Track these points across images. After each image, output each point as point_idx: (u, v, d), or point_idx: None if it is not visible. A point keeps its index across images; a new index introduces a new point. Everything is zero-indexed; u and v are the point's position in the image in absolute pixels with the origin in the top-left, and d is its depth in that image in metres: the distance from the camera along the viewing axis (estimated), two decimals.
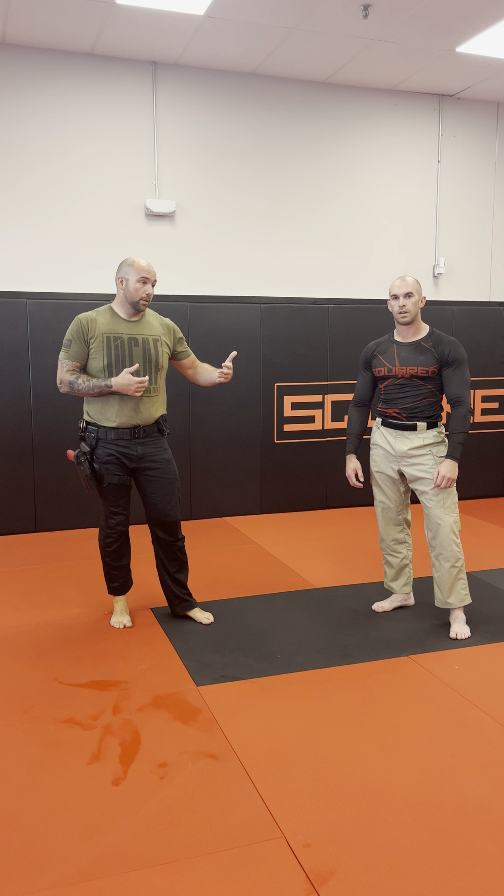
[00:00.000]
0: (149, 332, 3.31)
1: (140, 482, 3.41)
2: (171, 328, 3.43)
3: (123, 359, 3.25)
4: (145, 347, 3.28)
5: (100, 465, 3.30)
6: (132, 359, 3.26)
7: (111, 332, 3.25)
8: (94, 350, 3.24)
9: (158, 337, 3.33)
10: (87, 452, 3.29)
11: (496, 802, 2.19)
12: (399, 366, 3.40)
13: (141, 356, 3.27)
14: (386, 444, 3.50)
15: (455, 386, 3.34)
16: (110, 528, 3.43)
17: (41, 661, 3.16)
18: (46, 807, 2.18)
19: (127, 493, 3.41)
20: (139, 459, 3.33)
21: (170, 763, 2.39)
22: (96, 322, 3.25)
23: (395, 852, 1.98)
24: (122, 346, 3.25)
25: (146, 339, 3.29)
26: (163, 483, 3.39)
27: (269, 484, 5.87)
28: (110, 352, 3.23)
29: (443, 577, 3.40)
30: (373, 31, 5.14)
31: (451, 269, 6.65)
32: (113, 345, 3.24)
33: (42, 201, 5.55)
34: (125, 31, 5.13)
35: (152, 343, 3.30)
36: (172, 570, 3.53)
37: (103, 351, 3.23)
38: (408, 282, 3.35)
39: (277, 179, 6.10)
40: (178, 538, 3.50)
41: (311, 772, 2.35)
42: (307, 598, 3.92)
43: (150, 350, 3.29)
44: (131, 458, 3.32)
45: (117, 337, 3.25)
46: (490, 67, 5.80)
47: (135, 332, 3.28)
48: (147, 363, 3.28)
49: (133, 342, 3.27)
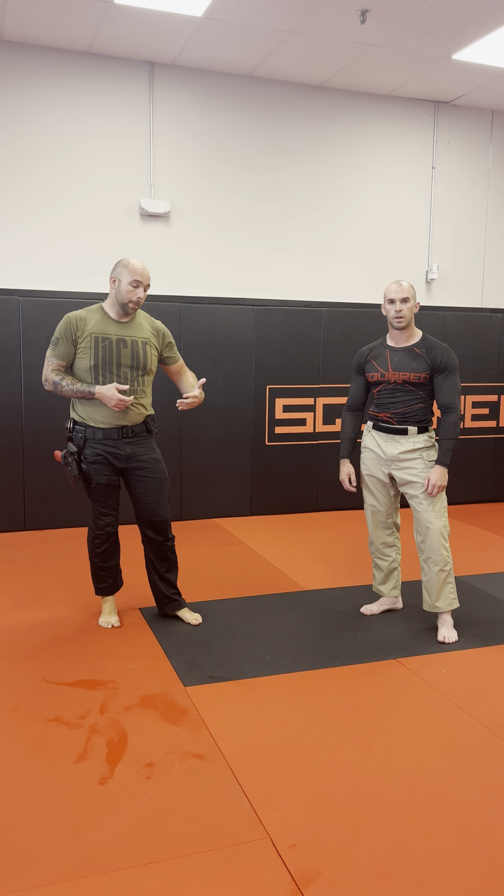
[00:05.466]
0: (138, 334, 3.29)
1: (129, 482, 3.40)
2: (161, 332, 3.40)
3: (111, 360, 3.22)
4: (134, 349, 3.26)
5: (87, 465, 3.27)
6: (120, 360, 3.23)
7: (100, 333, 3.22)
8: (82, 350, 3.22)
9: (147, 339, 3.31)
10: (75, 453, 3.27)
11: (482, 805, 2.21)
12: (392, 371, 3.41)
13: (129, 358, 3.25)
14: (377, 448, 3.51)
15: (446, 392, 3.36)
16: (99, 528, 3.41)
17: (28, 660, 3.15)
18: (32, 806, 2.17)
19: (116, 493, 3.39)
20: (128, 459, 3.32)
21: (156, 763, 2.39)
22: (86, 321, 3.22)
23: (381, 854, 1.98)
24: (110, 347, 3.22)
25: (135, 340, 3.27)
26: (152, 483, 3.38)
27: (260, 486, 5.88)
28: (97, 352, 3.21)
29: (431, 581, 3.42)
30: (370, 37, 5.16)
31: (444, 274, 6.68)
32: (101, 345, 3.21)
33: (37, 199, 5.53)
34: (123, 31, 5.13)
35: (141, 345, 3.28)
36: (162, 569, 3.52)
37: (90, 351, 3.20)
38: (404, 287, 3.36)
39: (272, 182, 6.12)
40: (169, 538, 3.49)
41: (297, 773, 2.35)
42: (296, 600, 3.92)
43: (139, 352, 3.27)
44: (120, 458, 3.31)
45: (105, 338, 3.22)
46: (485, 75, 5.83)
47: (124, 334, 3.26)
48: (135, 365, 3.27)
49: (122, 343, 3.24)
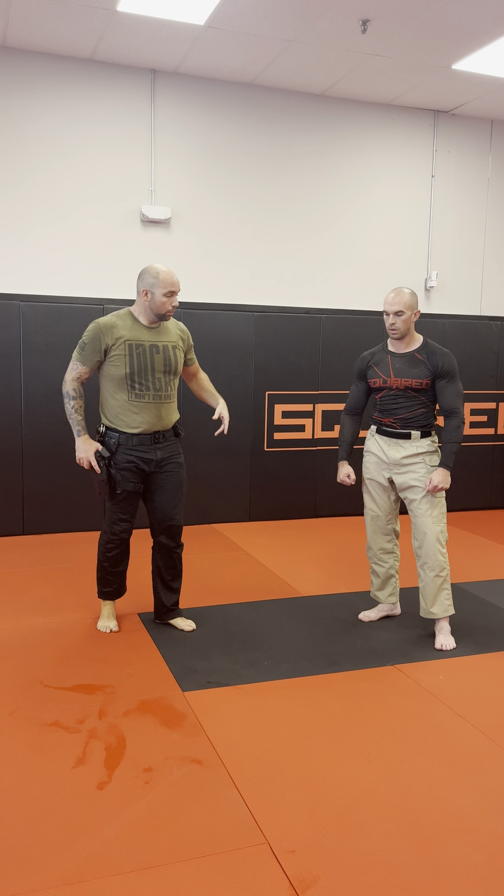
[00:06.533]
0: (168, 338, 3.32)
1: (150, 485, 3.40)
2: (185, 334, 3.45)
3: (145, 367, 3.24)
4: (166, 354, 3.29)
5: (117, 471, 3.29)
6: (154, 366, 3.25)
7: (133, 340, 3.23)
8: (116, 357, 3.22)
9: (176, 343, 3.35)
10: (107, 458, 3.29)
11: (480, 812, 2.21)
12: (394, 377, 3.43)
13: (162, 363, 3.28)
14: (379, 452, 3.52)
15: (449, 397, 3.38)
16: (114, 534, 3.41)
17: (27, 665, 3.15)
18: (30, 810, 2.17)
19: (137, 501, 3.40)
20: (156, 464, 3.35)
21: (155, 768, 2.39)
22: (116, 328, 3.22)
23: (379, 861, 1.99)
24: (144, 354, 3.24)
25: (166, 345, 3.30)
26: (171, 487, 3.40)
27: (259, 492, 5.88)
28: (133, 360, 3.22)
29: (427, 587, 3.44)
30: (371, 46, 5.19)
31: (443, 282, 6.71)
32: (135, 353, 3.23)
33: (38, 204, 5.55)
34: (125, 39, 5.16)
35: (172, 350, 3.31)
36: (168, 577, 3.52)
37: (125, 359, 3.22)
38: (400, 299, 3.33)
39: (273, 189, 6.14)
40: (179, 544, 3.50)
41: (295, 779, 2.35)
42: (294, 606, 3.93)
43: (171, 357, 3.31)
44: (149, 463, 3.33)
45: (139, 344, 3.24)
46: (485, 85, 5.87)
47: (156, 340, 3.28)
48: (167, 370, 3.30)
49: (154, 349, 3.27)
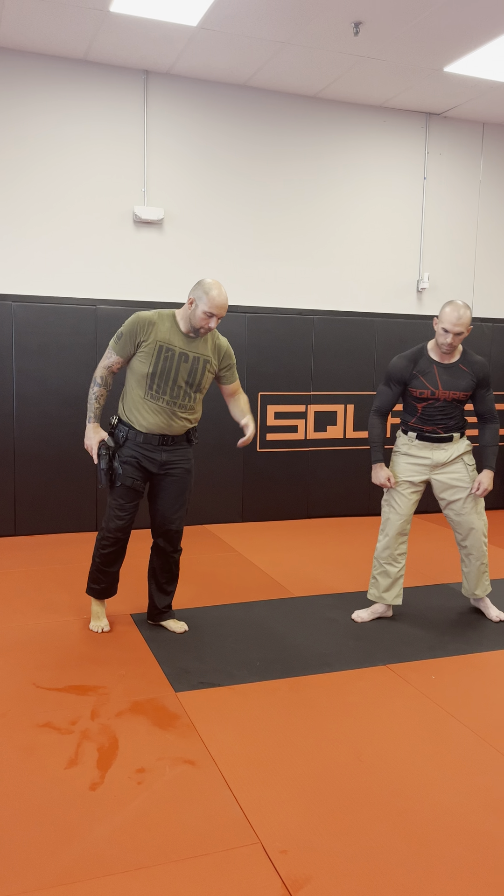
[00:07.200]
0: (201, 351, 3.28)
1: (154, 486, 3.40)
2: (223, 351, 3.38)
3: (168, 372, 3.22)
4: (193, 365, 3.26)
5: (119, 463, 3.28)
6: (177, 375, 3.23)
7: (165, 342, 3.21)
8: (144, 354, 3.21)
9: (209, 358, 3.30)
10: (112, 448, 3.29)
11: (472, 811, 2.22)
12: (442, 389, 3.53)
13: (186, 373, 3.25)
14: (420, 454, 3.62)
15: (488, 403, 3.64)
16: (110, 531, 3.38)
17: (18, 666, 3.14)
18: (23, 811, 2.16)
19: (137, 498, 3.37)
20: (161, 465, 3.33)
21: (147, 768, 2.39)
22: (155, 327, 3.21)
23: (372, 860, 1.99)
24: (171, 359, 3.22)
25: (197, 357, 3.27)
26: (174, 491, 3.37)
27: (251, 492, 5.89)
28: (158, 362, 3.20)
29: (472, 572, 3.78)
30: (363, 49, 5.21)
31: (435, 284, 6.73)
32: (163, 355, 3.21)
33: (30, 204, 5.54)
34: (118, 39, 5.15)
35: (202, 363, 3.28)
36: (163, 580, 3.52)
37: (151, 358, 3.20)
38: (463, 322, 3.37)
39: (265, 190, 6.15)
40: (177, 549, 3.49)
41: (288, 779, 2.36)
42: (287, 607, 3.93)
43: (198, 370, 3.27)
44: (154, 463, 3.32)
45: (170, 349, 3.21)
46: (477, 88, 5.90)
47: (188, 349, 3.25)
48: (190, 382, 3.27)
49: (183, 357, 3.23)
